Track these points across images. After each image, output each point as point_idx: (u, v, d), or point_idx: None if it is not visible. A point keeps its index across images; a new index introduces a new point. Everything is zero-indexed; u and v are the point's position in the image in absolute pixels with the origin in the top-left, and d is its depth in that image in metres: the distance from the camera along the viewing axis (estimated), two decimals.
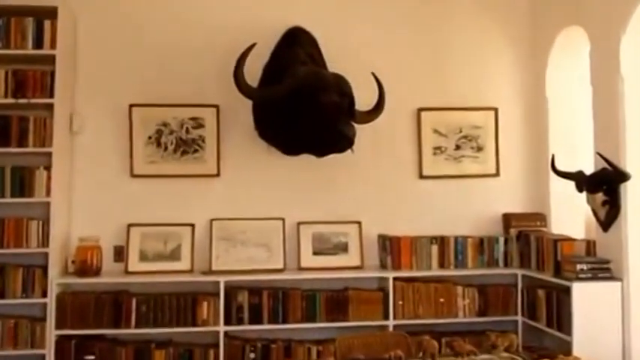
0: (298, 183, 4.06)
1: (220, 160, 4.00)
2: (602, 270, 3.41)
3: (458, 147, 4.22)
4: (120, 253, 3.89)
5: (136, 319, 3.65)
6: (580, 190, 3.56)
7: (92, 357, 3.60)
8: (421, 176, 4.18)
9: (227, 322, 3.69)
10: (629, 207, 3.36)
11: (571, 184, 3.62)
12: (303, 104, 3.45)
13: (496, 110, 4.26)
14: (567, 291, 3.42)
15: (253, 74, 3.76)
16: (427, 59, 4.23)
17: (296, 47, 3.86)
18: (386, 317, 3.81)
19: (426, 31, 4.25)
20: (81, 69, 3.97)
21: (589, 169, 3.60)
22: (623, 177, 3.35)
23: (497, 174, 4.24)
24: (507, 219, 4.16)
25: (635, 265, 3.34)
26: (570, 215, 4.07)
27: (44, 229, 3.62)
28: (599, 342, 3.29)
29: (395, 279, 3.85)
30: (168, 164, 3.97)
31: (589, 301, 3.35)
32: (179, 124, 3.99)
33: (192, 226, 3.94)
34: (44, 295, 3.58)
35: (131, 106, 3.95)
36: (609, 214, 3.43)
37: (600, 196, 3.44)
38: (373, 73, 3.76)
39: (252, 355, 3.71)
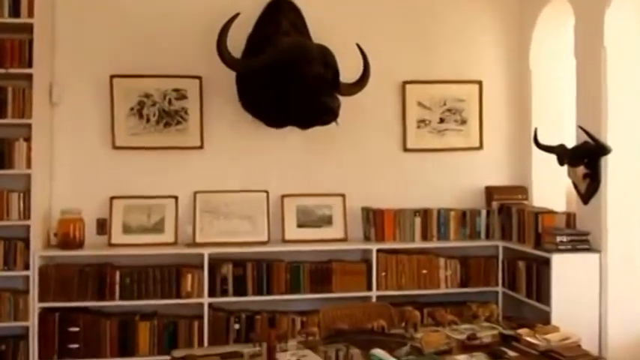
0: (282, 155, 4.05)
1: (204, 132, 3.96)
2: (582, 242, 3.48)
3: (442, 120, 4.23)
4: (103, 226, 3.87)
5: (120, 292, 3.65)
6: (561, 163, 3.60)
7: (76, 329, 3.60)
8: (405, 149, 4.19)
9: (211, 294, 3.71)
10: (609, 180, 3.41)
11: (553, 158, 3.65)
12: (286, 75, 3.43)
13: (480, 83, 4.26)
14: (547, 262, 3.48)
15: (237, 45, 3.71)
16: (412, 32, 4.21)
17: (280, 17, 3.81)
18: (369, 288, 3.85)
19: (411, 3, 4.21)
20: (60, 38, 3.88)
21: (571, 143, 3.63)
22: (604, 150, 3.39)
23: (480, 147, 4.26)
24: (490, 192, 4.20)
25: (613, 237, 3.40)
26: (551, 188, 4.12)
27: (25, 202, 3.58)
28: (577, 312, 3.36)
29: (378, 251, 3.89)
30: (151, 136, 3.93)
31: (568, 272, 3.42)
32: (161, 96, 3.94)
33: (176, 198, 3.92)
34: (26, 267, 3.56)
35: (112, 76, 3.89)
36: (589, 187, 3.48)
37: (581, 170, 3.48)
38: (358, 45, 3.74)
39: (236, 326, 3.75)
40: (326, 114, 3.55)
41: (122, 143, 3.90)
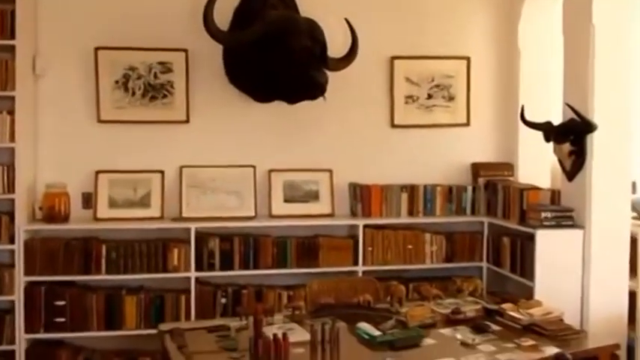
0: (269, 130, 4.03)
1: (190, 106, 3.93)
2: (566, 218, 3.51)
3: (430, 96, 4.22)
4: (88, 200, 3.85)
5: (106, 266, 3.64)
6: (547, 140, 3.62)
7: (62, 303, 3.60)
8: (393, 125, 4.18)
9: (198, 269, 3.72)
10: (594, 157, 3.43)
11: (539, 135, 3.67)
12: (273, 49, 3.40)
13: (468, 60, 4.25)
14: (531, 238, 3.52)
15: (224, 18, 3.65)
16: (401, 7, 4.17)
17: None
18: (355, 263, 3.88)
19: None
20: (43, 9, 3.79)
21: (558, 120, 3.65)
22: (590, 128, 3.41)
23: (467, 124, 4.27)
24: (476, 168, 4.22)
25: (596, 214, 3.44)
26: (537, 165, 4.15)
27: (9, 175, 3.55)
28: (560, 287, 3.41)
29: (365, 226, 3.91)
30: (137, 110, 3.88)
31: (551, 247, 3.46)
32: (147, 69, 3.89)
33: (162, 172, 3.90)
34: (12, 241, 3.54)
35: (97, 49, 3.82)
36: (575, 164, 3.51)
37: (567, 147, 3.50)
38: (346, 19, 3.70)
39: (223, 300, 3.76)
40: (313, 88, 3.52)
41: (107, 117, 3.86)
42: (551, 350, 2.42)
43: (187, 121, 3.93)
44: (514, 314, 2.78)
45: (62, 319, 3.59)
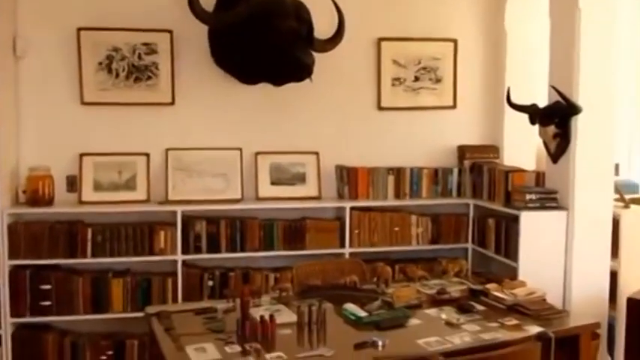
0: (256, 113, 4.01)
1: (175, 88, 3.88)
2: (550, 200, 3.55)
3: (417, 78, 4.22)
4: (73, 183, 3.81)
5: (92, 249, 3.62)
6: (533, 122, 3.64)
7: (48, 286, 3.58)
8: (379, 107, 4.18)
9: (185, 251, 3.71)
10: (578, 140, 3.46)
11: (525, 117, 3.68)
12: (259, 30, 3.37)
13: (455, 42, 4.24)
14: (516, 220, 3.55)
15: None
16: None
17: None
18: (342, 246, 3.90)
19: None
20: None
21: (543, 103, 3.66)
22: (575, 110, 3.43)
23: (454, 106, 4.28)
24: (462, 151, 4.24)
25: (580, 196, 3.48)
26: (522, 147, 4.18)
27: None
28: (543, 268, 3.46)
29: (352, 208, 3.92)
30: (121, 92, 3.84)
31: (536, 229, 3.50)
32: (131, 50, 3.84)
33: (147, 155, 3.87)
34: None
35: (79, 29, 3.76)
36: (559, 147, 3.54)
37: (552, 129, 3.52)
38: (333, 0, 3.67)
39: (210, 283, 3.77)
40: (300, 70, 3.50)
41: (91, 99, 3.81)
42: (534, 329, 2.46)
43: (173, 103, 3.89)
44: (498, 294, 2.82)
45: (48, 303, 3.57)
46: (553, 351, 2.35)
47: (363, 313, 2.58)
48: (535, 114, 3.61)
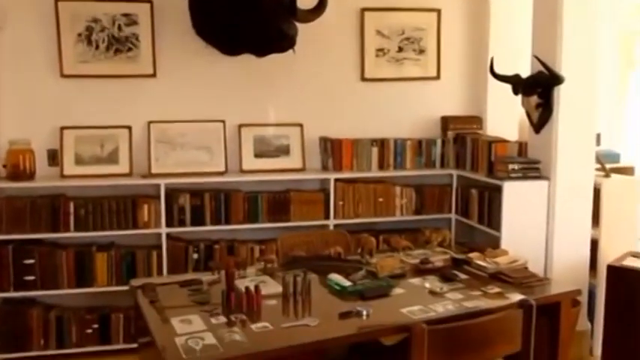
0: (238, 84, 3.97)
1: (156, 59, 3.83)
2: (532, 170, 3.58)
3: (400, 49, 4.20)
4: (54, 157, 3.76)
5: (75, 223, 3.60)
6: (516, 92, 3.64)
7: (32, 261, 3.56)
8: (363, 79, 4.16)
9: (169, 225, 3.71)
10: (560, 110, 3.48)
11: (508, 88, 3.69)
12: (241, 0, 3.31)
13: (439, 12, 4.22)
14: (498, 190, 3.58)
15: None
16: None
17: None
18: (327, 217, 3.91)
19: None
20: None
21: (526, 73, 3.66)
22: (558, 80, 3.44)
23: (437, 77, 4.27)
24: (445, 122, 4.25)
25: (562, 165, 3.51)
26: (505, 118, 4.20)
27: None
28: (525, 236, 3.50)
29: (336, 180, 3.93)
30: (101, 64, 3.78)
31: (518, 198, 3.54)
32: (110, 21, 3.77)
33: (129, 128, 3.83)
34: None
35: (57, 0, 3.67)
36: (542, 117, 3.55)
37: (535, 99, 3.53)
38: None
39: (195, 256, 3.77)
40: (282, 40, 3.46)
41: (71, 71, 3.75)
42: (516, 297, 2.50)
43: (154, 75, 3.84)
44: (481, 263, 2.85)
45: (32, 278, 3.56)
46: (534, 318, 2.39)
47: (347, 283, 2.60)
48: (518, 84, 3.61)
